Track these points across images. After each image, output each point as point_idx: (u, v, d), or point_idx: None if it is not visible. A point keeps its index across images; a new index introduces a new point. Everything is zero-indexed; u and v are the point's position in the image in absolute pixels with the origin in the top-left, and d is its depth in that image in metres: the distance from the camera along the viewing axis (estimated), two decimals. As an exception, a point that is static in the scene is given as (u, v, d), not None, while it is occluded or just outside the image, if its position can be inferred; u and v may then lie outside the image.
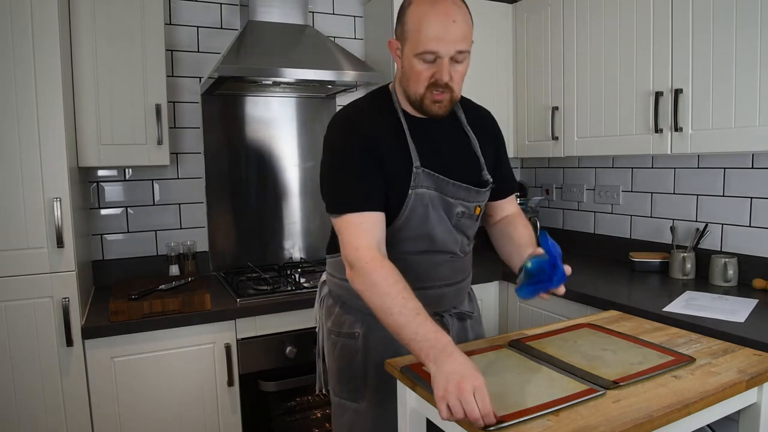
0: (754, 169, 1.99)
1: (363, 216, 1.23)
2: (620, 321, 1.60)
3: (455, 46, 1.20)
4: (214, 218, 2.46)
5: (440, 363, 1.03)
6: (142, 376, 1.79)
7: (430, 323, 1.10)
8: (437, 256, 1.37)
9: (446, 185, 1.32)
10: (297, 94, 2.55)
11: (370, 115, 1.33)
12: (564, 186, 2.83)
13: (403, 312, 1.11)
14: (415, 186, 1.29)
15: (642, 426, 1.00)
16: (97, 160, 1.96)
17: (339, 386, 1.44)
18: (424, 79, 1.23)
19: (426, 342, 1.06)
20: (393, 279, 1.16)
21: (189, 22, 2.37)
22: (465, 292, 1.50)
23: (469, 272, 1.50)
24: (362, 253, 1.20)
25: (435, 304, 1.38)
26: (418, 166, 1.29)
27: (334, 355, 1.45)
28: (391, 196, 1.28)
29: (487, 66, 2.64)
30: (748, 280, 1.97)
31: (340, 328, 1.42)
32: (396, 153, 1.29)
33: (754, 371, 1.20)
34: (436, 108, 1.27)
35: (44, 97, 1.63)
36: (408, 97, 1.30)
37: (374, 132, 1.29)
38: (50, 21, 1.62)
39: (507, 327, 2.33)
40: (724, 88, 1.75)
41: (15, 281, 1.63)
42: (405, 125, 1.32)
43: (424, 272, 1.35)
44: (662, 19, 1.93)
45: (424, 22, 1.19)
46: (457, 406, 0.97)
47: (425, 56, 1.21)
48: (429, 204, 1.31)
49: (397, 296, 1.14)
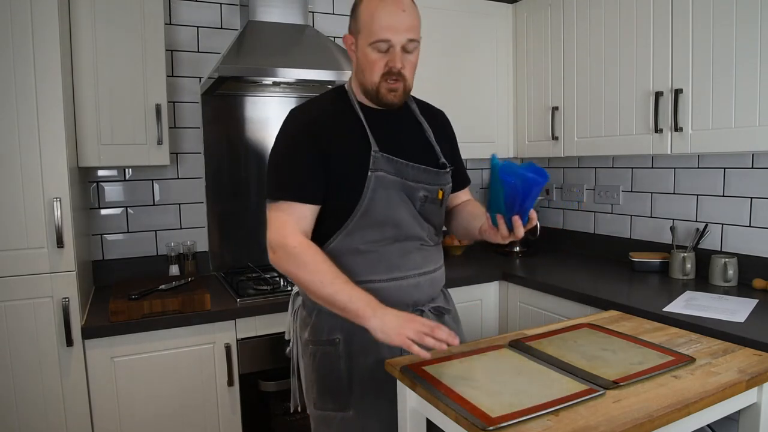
0: (754, 169, 1.99)
1: (294, 206, 1.31)
2: (620, 321, 1.61)
3: (406, 34, 1.28)
4: (214, 218, 2.46)
5: (381, 313, 1.19)
6: (142, 376, 1.79)
7: (360, 289, 1.23)
8: (407, 244, 1.39)
9: (405, 168, 1.37)
10: (297, 94, 2.55)
11: (324, 109, 1.40)
12: (564, 186, 2.83)
13: (335, 281, 1.24)
14: (374, 169, 1.33)
15: (642, 426, 1.00)
16: (97, 160, 1.96)
17: (321, 398, 1.40)
18: (379, 68, 1.31)
19: (361, 302, 1.21)
20: (321, 258, 1.27)
21: (189, 22, 2.37)
22: (439, 284, 1.50)
23: (441, 264, 1.50)
24: (289, 239, 1.28)
25: (412, 295, 1.40)
26: (376, 150, 1.34)
27: (314, 366, 1.41)
28: (350, 182, 1.33)
29: (487, 66, 2.64)
30: (748, 280, 1.97)
31: (319, 336, 1.39)
32: (353, 141, 1.35)
33: (754, 371, 1.21)
34: (391, 96, 1.33)
35: (44, 97, 1.63)
36: (364, 89, 1.37)
37: (325, 124, 1.35)
38: (50, 20, 1.62)
39: (507, 327, 2.33)
40: (724, 88, 1.75)
41: (15, 281, 1.63)
42: (362, 116, 1.37)
43: (396, 261, 1.37)
44: (662, 19, 1.93)
45: (376, 14, 1.28)
46: (419, 334, 1.12)
47: (379, 45, 1.29)
48: (391, 187, 1.35)
49: (327, 271, 1.25)
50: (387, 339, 1.17)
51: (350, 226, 1.33)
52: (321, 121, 1.35)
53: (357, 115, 1.37)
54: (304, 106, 1.41)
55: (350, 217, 1.33)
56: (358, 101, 1.40)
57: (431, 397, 1.13)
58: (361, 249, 1.34)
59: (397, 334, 1.16)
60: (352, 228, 1.33)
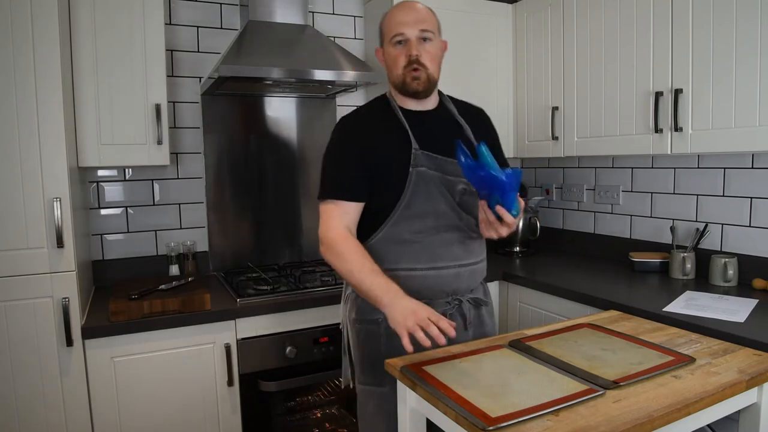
0: (754, 169, 1.99)
1: (338, 203, 1.47)
2: (620, 321, 1.61)
3: (418, 25, 1.45)
4: (214, 218, 2.46)
5: (394, 302, 1.28)
6: (142, 376, 1.79)
7: (384, 278, 1.35)
8: (448, 235, 1.50)
9: (445, 164, 1.49)
10: (297, 94, 2.55)
11: (367, 114, 1.57)
12: (564, 186, 2.83)
13: (362, 270, 1.37)
14: (415, 165, 1.47)
15: (642, 426, 1.00)
16: (97, 160, 1.96)
17: (363, 374, 1.55)
18: (401, 61, 1.47)
19: (380, 289, 1.32)
20: (354, 249, 1.41)
21: (189, 22, 2.37)
22: (480, 276, 1.61)
23: (483, 258, 1.61)
24: (332, 233, 1.44)
25: (452, 285, 1.52)
26: (417, 148, 1.48)
27: (359, 344, 1.55)
28: (394, 178, 1.47)
29: (487, 66, 2.64)
30: (748, 280, 1.97)
31: (364, 315, 1.52)
32: (395, 141, 1.50)
33: (754, 371, 1.21)
34: (415, 84, 1.48)
35: (44, 97, 1.63)
36: (395, 85, 1.53)
37: (369, 127, 1.52)
38: (50, 20, 1.61)
39: (507, 327, 2.33)
40: (724, 88, 1.75)
41: (15, 281, 1.63)
42: (402, 117, 1.52)
43: (438, 252, 1.49)
44: (662, 19, 1.93)
45: (391, 17, 1.49)
46: (416, 328, 1.19)
47: (395, 39, 1.47)
48: (431, 181, 1.48)
49: (356, 261, 1.39)
50: (393, 326, 1.26)
51: (395, 218, 1.47)
52: (364, 125, 1.53)
53: (398, 117, 1.52)
54: (350, 113, 1.59)
55: (394, 209, 1.47)
56: (399, 105, 1.55)
57: (431, 397, 1.13)
58: (406, 239, 1.48)
59: (398, 323, 1.24)
60: (397, 219, 1.47)
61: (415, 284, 1.47)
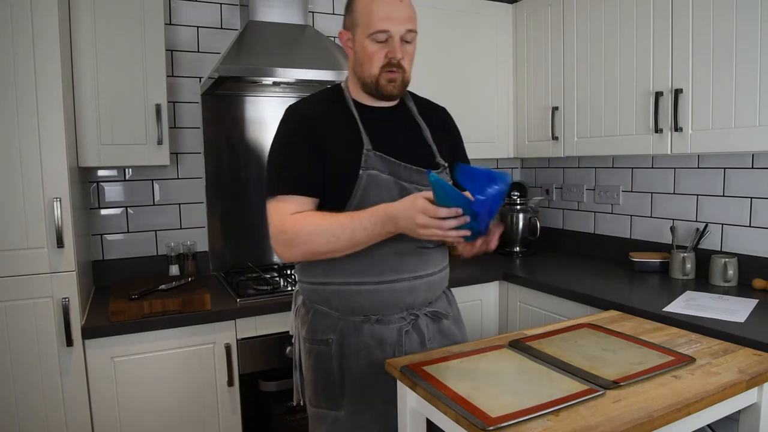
0: (754, 169, 1.99)
1: (293, 199, 1.29)
2: (620, 321, 1.61)
3: (405, 24, 1.29)
4: (214, 218, 2.46)
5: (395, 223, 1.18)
6: (142, 376, 1.79)
7: (364, 212, 1.22)
8: (402, 246, 1.34)
9: (399, 168, 1.35)
10: (297, 94, 2.54)
11: (319, 106, 1.39)
12: (564, 186, 2.83)
13: (342, 224, 1.22)
14: (366, 167, 1.31)
15: (642, 426, 1.00)
16: (97, 160, 1.96)
17: (316, 396, 1.41)
18: (378, 60, 1.30)
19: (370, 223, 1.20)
20: (319, 216, 1.26)
21: (189, 22, 2.36)
22: (439, 288, 1.46)
23: (443, 267, 1.47)
24: (289, 219, 1.26)
25: (406, 299, 1.37)
26: (369, 148, 1.33)
27: (309, 364, 1.41)
28: (342, 180, 1.31)
29: (487, 66, 2.64)
30: (748, 280, 1.97)
31: (314, 335, 1.39)
32: (345, 138, 1.34)
33: (754, 371, 1.21)
34: (390, 87, 1.33)
35: (44, 97, 1.63)
36: (363, 82, 1.35)
37: (319, 118, 1.35)
38: (50, 21, 1.61)
39: (507, 327, 2.33)
40: (724, 88, 1.75)
41: (15, 281, 1.63)
42: (356, 113, 1.37)
43: (390, 264, 1.34)
44: (662, 19, 1.93)
45: (373, 6, 1.28)
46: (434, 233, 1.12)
47: (378, 36, 1.28)
48: (383, 188, 1.32)
49: (330, 222, 1.23)
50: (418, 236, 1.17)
51: None
52: (316, 118, 1.35)
53: (351, 112, 1.37)
54: (300, 103, 1.40)
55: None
56: (354, 99, 1.39)
57: (431, 397, 1.13)
58: (356, 254, 1.30)
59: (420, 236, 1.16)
60: None
61: (365, 300, 1.33)
